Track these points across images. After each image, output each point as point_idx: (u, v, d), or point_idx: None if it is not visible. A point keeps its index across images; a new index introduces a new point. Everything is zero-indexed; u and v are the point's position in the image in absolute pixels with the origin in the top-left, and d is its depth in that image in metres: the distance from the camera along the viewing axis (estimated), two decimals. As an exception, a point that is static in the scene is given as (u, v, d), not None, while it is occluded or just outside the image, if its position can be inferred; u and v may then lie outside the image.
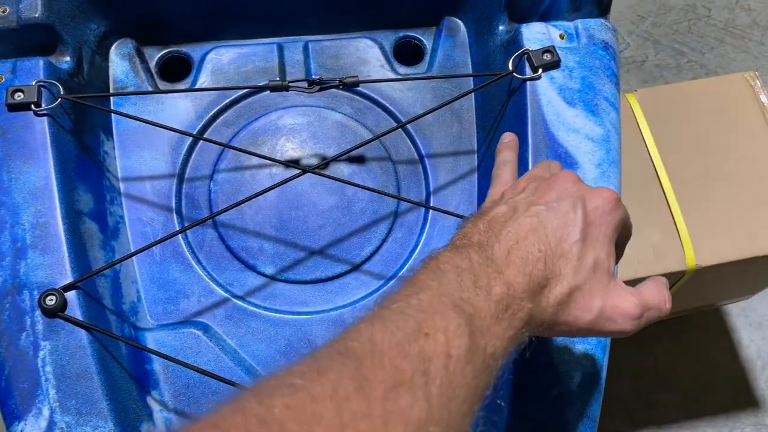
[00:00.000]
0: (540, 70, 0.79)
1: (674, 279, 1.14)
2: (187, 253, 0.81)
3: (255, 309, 0.79)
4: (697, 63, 1.95)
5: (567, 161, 0.75)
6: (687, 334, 1.63)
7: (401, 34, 0.94)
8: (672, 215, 1.12)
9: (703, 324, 1.65)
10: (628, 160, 0.91)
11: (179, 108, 0.87)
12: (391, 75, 0.91)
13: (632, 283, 0.53)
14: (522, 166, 0.76)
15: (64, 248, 0.69)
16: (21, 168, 0.71)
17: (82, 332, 0.66)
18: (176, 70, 0.91)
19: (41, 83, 0.74)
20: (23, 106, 0.73)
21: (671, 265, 1.10)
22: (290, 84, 0.80)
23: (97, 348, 0.66)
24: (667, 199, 1.14)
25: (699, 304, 1.46)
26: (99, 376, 0.65)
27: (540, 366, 0.67)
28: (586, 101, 0.78)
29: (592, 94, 0.79)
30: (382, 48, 0.93)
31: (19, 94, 0.73)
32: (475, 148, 0.88)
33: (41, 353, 0.65)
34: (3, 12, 0.76)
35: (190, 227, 0.77)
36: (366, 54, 0.92)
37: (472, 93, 0.88)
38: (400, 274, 0.82)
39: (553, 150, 0.76)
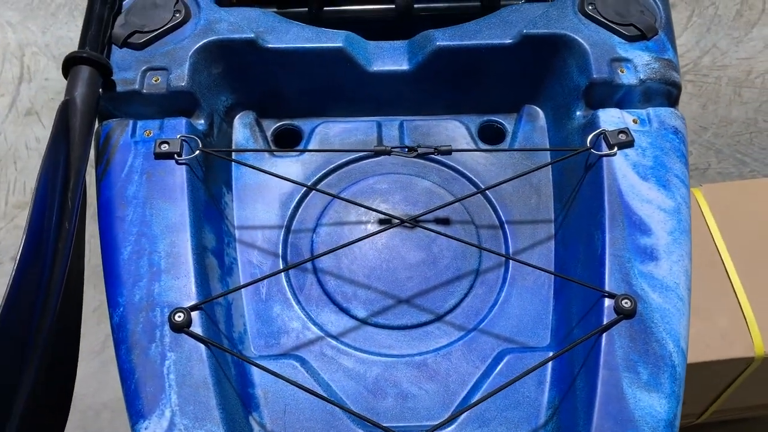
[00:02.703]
0: (615, 148, 0.88)
1: (742, 367, 1.16)
2: (289, 294, 0.90)
3: (346, 348, 0.87)
4: (760, 173, 2.00)
5: (641, 228, 0.83)
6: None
7: (485, 118, 1.06)
8: (738, 301, 1.16)
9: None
10: (695, 249, 0.96)
11: (290, 171, 0.99)
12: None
13: (701, 366, 0.58)
14: (600, 232, 0.83)
15: (192, 275, 0.79)
16: (161, 206, 0.83)
17: (203, 348, 0.75)
18: (288, 140, 1.04)
19: (184, 138, 0.88)
20: (167, 155, 0.86)
21: (739, 350, 1.13)
22: (392, 149, 0.92)
23: (214, 363, 0.75)
24: (733, 286, 1.18)
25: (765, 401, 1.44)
26: (214, 387, 0.73)
27: (616, 411, 0.72)
28: (658, 177, 0.86)
29: (664, 171, 0.87)
30: (468, 129, 1.04)
31: (165, 145, 0.87)
32: (552, 218, 0.96)
33: (167, 363, 0.73)
34: (156, 81, 0.91)
35: (294, 266, 0.87)
36: (454, 133, 1.04)
37: (550, 168, 0.98)
38: (480, 327, 0.89)
39: (628, 217, 0.83)
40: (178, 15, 0.96)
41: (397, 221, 0.89)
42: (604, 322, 0.77)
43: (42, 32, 2.30)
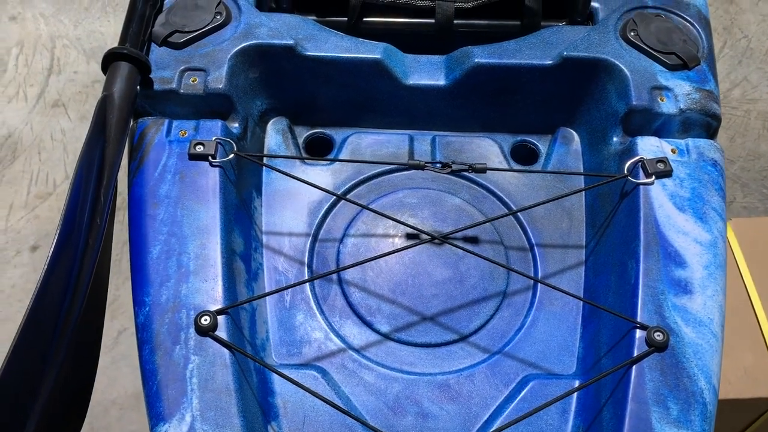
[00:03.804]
0: (653, 177, 0.87)
1: (765, 406, 1.14)
2: (313, 304, 0.89)
3: (368, 362, 0.85)
4: (785, 209, 1.98)
5: (677, 260, 0.81)
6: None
7: (519, 138, 1.05)
8: (764, 338, 1.14)
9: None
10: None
11: (320, 179, 0.98)
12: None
13: (722, 403, 0.57)
14: (633, 261, 0.82)
15: (220, 278, 0.79)
16: (193, 207, 0.83)
17: (227, 353, 0.74)
18: (319, 149, 1.04)
19: (219, 140, 0.87)
20: (202, 157, 0.86)
21: (764, 389, 1.11)
22: (426, 164, 0.91)
23: (237, 369, 0.74)
24: (759, 324, 1.16)
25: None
26: (236, 394, 0.72)
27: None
28: (695, 209, 0.85)
29: (701, 204, 0.85)
30: (501, 148, 1.03)
31: (200, 146, 0.86)
32: (584, 244, 0.95)
33: (190, 366, 0.73)
34: (193, 81, 0.91)
35: (319, 277, 0.86)
36: (486, 151, 1.03)
37: (583, 193, 0.97)
38: (504, 350, 0.88)
39: (664, 249, 0.82)
40: (218, 17, 0.96)
41: (427, 237, 0.88)
42: (635, 354, 0.75)
43: (74, 25, 2.31)
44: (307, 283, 0.90)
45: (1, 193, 1.97)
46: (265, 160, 0.98)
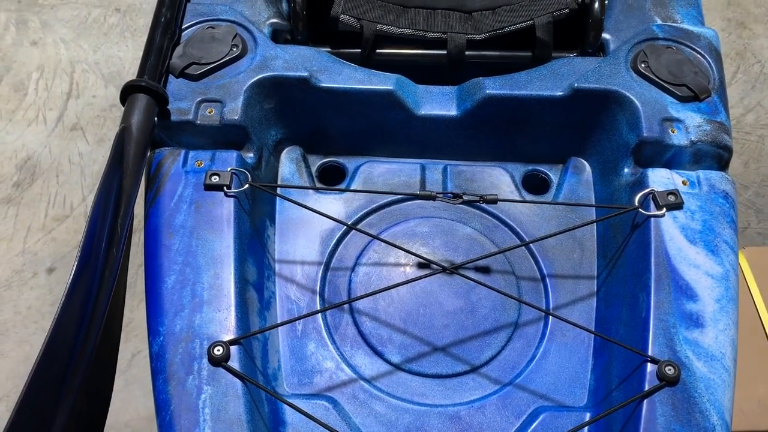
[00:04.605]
0: (664, 209, 0.87)
1: (780, 439, 1.12)
2: (324, 333, 0.90)
3: (379, 393, 0.86)
4: (800, 235, 1.96)
5: (688, 293, 0.81)
6: None
7: (531, 168, 1.05)
8: (780, 371, 1.13)
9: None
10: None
11: (332, 208, 0.99)
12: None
13: None
14: (645, 294, 0.82)
15: (233, 308, 0.80)
16: (207, 237, 0.84)
17: (239, 383, 0.75)
18: (332, 177, 1.05)
19: (234, 170, 0.89)
20: (217, 187, 0.87)
21: (778, 422, 1.09)
22: (437, 194, 0.92)
23: (249, 400, 0.74)
24: (775, 355, 1.15)
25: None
26: (248, 425, 0.73)
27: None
28: (706, 241, 0.85)
29: (713, 236, 0.85)
30: (512, 177, 1.04)
31: (216, 177, 0.88)
32: (595, 274, 0.95)
33: (203, 396, 0.73)
34: (210, 113, 0.93)
35: (329, 308, 0.87)
36: (498, 180, 1.04)
37: (594, 224, 0.97)
38: (516, 382, 0.88)
39: (675, 281, 0.82)
40: (235, 49, 0.98)
41: (438, 268, 0.88)
42: (646, 388, 0.75)
43: (93, 50, 2.36)
44: (319, 313, 0.90)
45: (20, 215, 2.00)
46: (279, 190, 0.99)
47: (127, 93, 0.89)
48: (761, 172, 2.05)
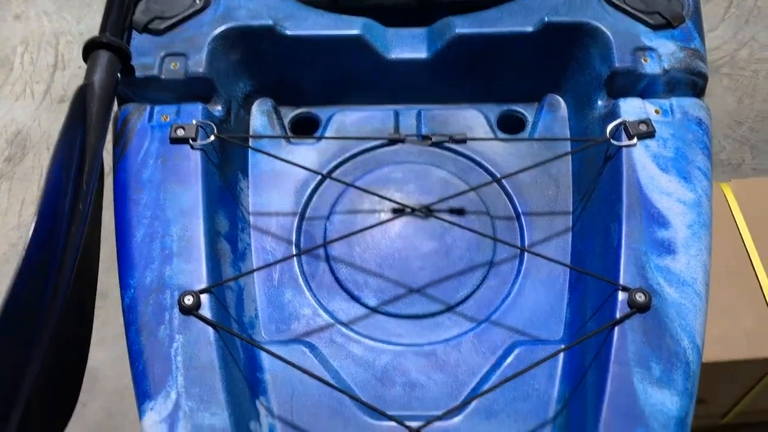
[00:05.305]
0: (635, 139, 0.86)
1: (766, 368, 1.13)
2: (301, 281, 0.90)
3: (356, 336, 0.86)
4: (796, 170, 1.94)
5: (659, 221, 0.80)
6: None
7: (505, 108, 1.04)
8: (766, 300, 1.12)
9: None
10: (721, 246, 0.94)
11: (306, 158, 0.99)
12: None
13: (725, 366, 0.55)
14: (617, 224, 0.81)
15: (203, 259, 0.80)
16: (175, 190, 0.84)
17: (210, 331, 0.75)
18: (306, 128, 1.04)
19: (200, 123, 0.88)
20: (183, 140, 0.87)
21: (766, 350, 1.09)
22: (406, 137, 0.91)
23: (221, 346, 0.75)
24: (760, 285, 1.15)
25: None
26: (221, 371, 0.73)
27: (626, 406, 0.70)
28: (679, 169, 0.84)
29: (685, 163, 0.84)
30: (487, 118, 1.03)
31: (181, 130, 0.87)
32: (570, 210, 0.94)
33: (175, 345, 0.74)
34: (174, 67, 0.92)
35: (305, 252, 0.87)
36: (472, 122, 1.02)
37: (570, 159, 0.96)
38: (491, 318, 0.88)
39: (647, 209, 0.81)
40: (198, 2, 0.96)
41: (409, 210, 0.88)
42: (617, 316, 0.75)
43: (76, 22, 2.34)
44: (295, 261, 0.91)
45: (13, 190, 2.01)
46: (251, 141, 0.99)
47: (89, 50, 0.88)
48: (755, 108, 2.02)
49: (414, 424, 0.72)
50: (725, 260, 1.17)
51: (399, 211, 0.93)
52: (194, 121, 0.88)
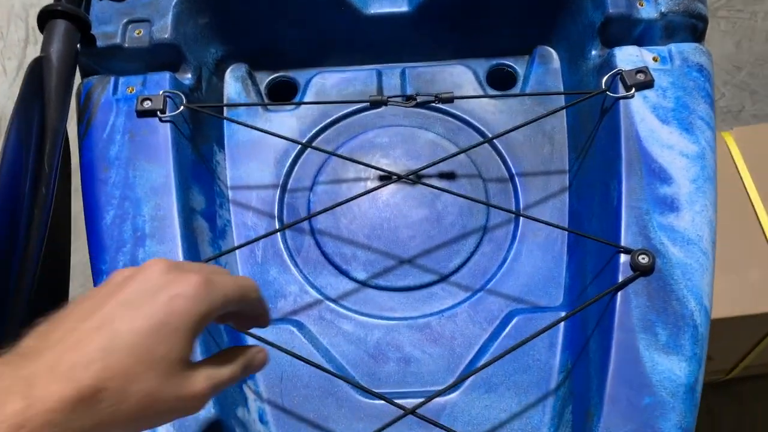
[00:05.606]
0: (633, 89, 0.80)
1: (775, 321, 1.09)
2: (286, 257, 0.85)
3: (346, 312, 0.82)
4: (798, 114, 1.88)
5: (661, 176, 0.76)
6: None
7: (494, 62, 0.98)
8: (772, 253, 1.08)
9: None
10: (725, 197, 0.89)
11: (285, 125, 0.93)
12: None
13: (729, 321, 0.52)
14: (616, 182, 0.77)
15: (179, 239, 0.75)
16: (145, 167, 0.79)
17: (190, 315, 0.71)
18: (283, 93, 0.98)
19: (167, 93, 0.83)
20: (150, 113, 0.81)
21: (772, 303, 1.06)
22: (389, 99, 0.85)
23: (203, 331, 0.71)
24: (766, 237, 1.10)
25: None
26: (202, 357, 0.69)
27: (632, 375, 0.66)
28: (680, 119, 0.79)
29: (687, 113, 0.79)
30: (475, 74, 0.97)
31: (148, 102, 0.82)
32: (567, 168, 0.89)
33: (152, 331, 0.70)
34: (138, 34, 0.85)
35: (289, 226, 0.83)
36: (460, 79, 0.97)
37: (564, 114, 0.91)
38: (487, 287, 0.84)
39: (647, 165, 0.76)
40: (159, -38, 0.89)
41: (395, 177, 0.83)
42: (620, 280, 0.71)
43: (47, -8, 2.24)
44: (279, 236, 0.86)
45: (-7, 171, 1.95)
46: (225, 111, 0.93)
47: (44, 19, 0.82)
48: (754, 51, 1.95)
49: (409, 401, 0.68)
50: (729, 213, 1.13)
51: (386, 179, 0.88)
52: (161, 92, 0.83)
